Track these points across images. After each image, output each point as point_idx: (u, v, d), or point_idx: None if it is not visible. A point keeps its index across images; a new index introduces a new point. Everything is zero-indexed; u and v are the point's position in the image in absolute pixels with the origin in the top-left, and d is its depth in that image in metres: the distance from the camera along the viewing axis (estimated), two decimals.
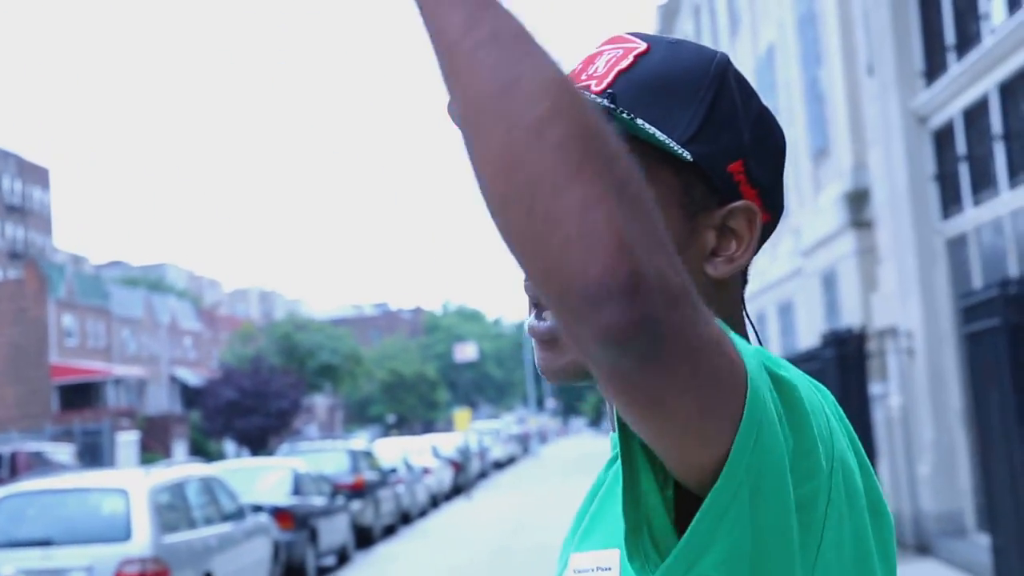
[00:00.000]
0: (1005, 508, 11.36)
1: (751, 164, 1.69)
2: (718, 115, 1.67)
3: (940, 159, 17.71)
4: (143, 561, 14.72)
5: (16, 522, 15.74)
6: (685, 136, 1.64)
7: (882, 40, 18.39)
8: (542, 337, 1.70)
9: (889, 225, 18.69)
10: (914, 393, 18.11)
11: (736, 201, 1.68)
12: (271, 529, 19.96)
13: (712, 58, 1.71)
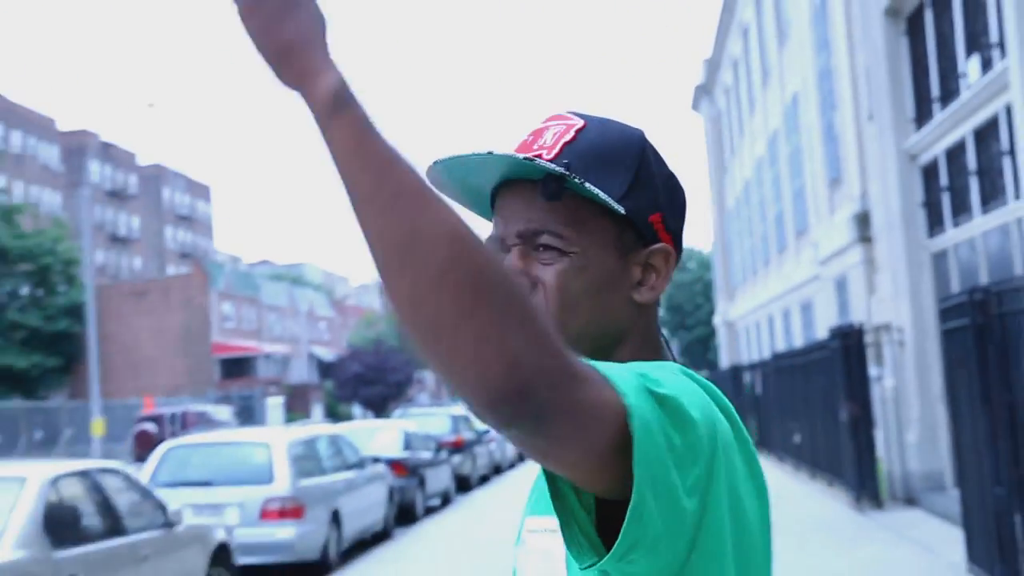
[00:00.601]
0: (970, 468, 11.41)
1: (666, 216, 1.75)
2: (642, 178, 1.72)
3: (927, 189, 17.64)
4: (283, 499, 14.91)
5: (182, 467, 15.86)
6: (618, 195, 1.68)
7: (880, 92, 18.34)
8: None
9: (885, 241, 18.67)
10: (904, 376, 18.10)
11: (656, 244, 1.73)
12: (387, 476, 19.90)
13: (635, 135, 1.78)
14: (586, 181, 1.64)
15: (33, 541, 8.89)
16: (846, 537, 14.98)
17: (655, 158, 1.78)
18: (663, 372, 1.52)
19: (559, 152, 1.70)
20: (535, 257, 1.69)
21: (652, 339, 1.76)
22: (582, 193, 1.65)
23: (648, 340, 1.75)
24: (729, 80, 49.30)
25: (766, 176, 39.97)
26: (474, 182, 1.75)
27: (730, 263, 55.41)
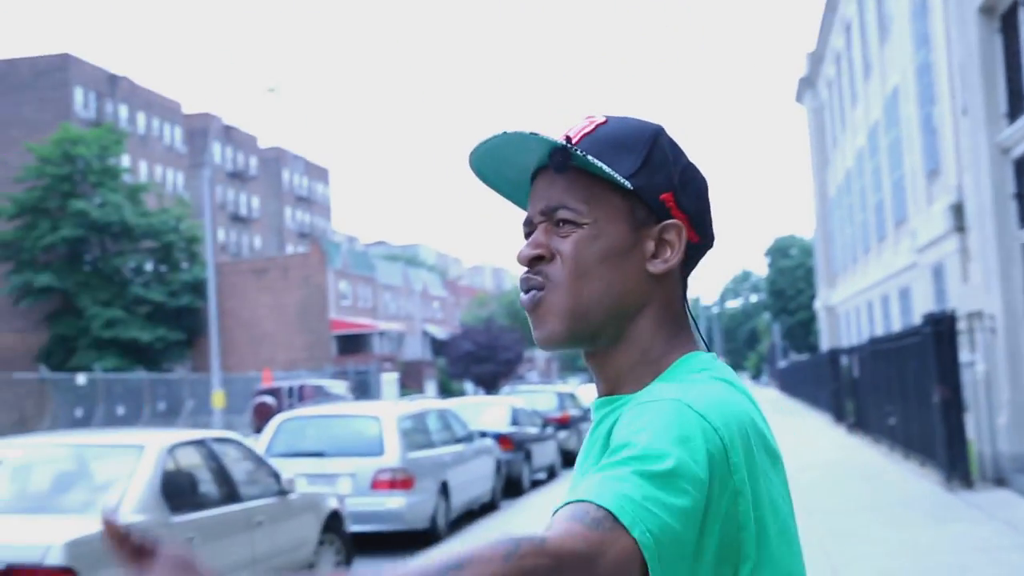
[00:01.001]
0: None
1: (679, 196, 1.83)
2: (653, 161, 1.82)
3: (1019, 181, 17.58)
4: (394, 471, 15.10)
5: (297, 438, 16.08)
6: (628, 173, 1.79)
7: (974, 87, 18.32)
8: (527, 309, 1.84)
9: (977, 232, 18.68)
10: (995, 362, 18.07)
11: (669, 220, 1.83)
12: (494, 450, 19.97)
13: (651, 126, 1.88)
14: (590, 155, 1.77)
15: (151, 506, 9.09)
16: (936, 515, 15.05)
17: (671, 147, 1.88)
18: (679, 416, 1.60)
19: (578, 141, 1.83)
20: (556, 232, 1.80)
21: (673, 314, 1.85)
22: (588, 168, 1.78)
23: (668, 314, 1.84)
24: (832, 73, 49.11)
25: (866, 167, 39.79)
26: (512, 176, 1.91)
27: (831, 250, 55.19)
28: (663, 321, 1.83)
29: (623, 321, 1.81)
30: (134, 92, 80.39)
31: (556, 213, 1.80)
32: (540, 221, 1.83)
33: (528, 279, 1.82)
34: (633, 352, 1.82)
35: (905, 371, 21.18)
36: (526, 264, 1.82)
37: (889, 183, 34.47)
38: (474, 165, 1.89)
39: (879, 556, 12.12)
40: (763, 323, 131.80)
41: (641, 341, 1.82)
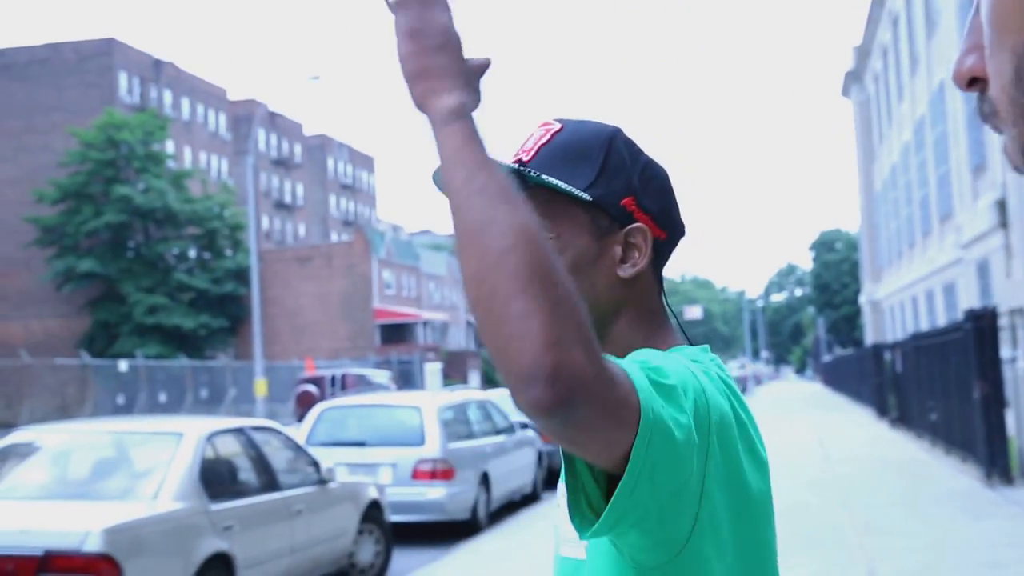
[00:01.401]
0: None
1: (640, 198, 1.87)
2: (610, 168, 1.86)
3: None
4: (434, 461, 15.17)
5: (338, 427, 16.16)
6: (586, 183, 1.83)
7: None
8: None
9: (1020, 228, 18.71)
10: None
11: (633, 223, 1.86)
12: (536, 442, 20.01)
13: (605, 130, 1.90)
14: (545, 174, 1.82)
15: (190, 493, 9.13)
16: (975, 511, 15.07)
17: (627, 148, 1.90)
18: (665, 361, 1.64)
19: (535, 154, 1.87)
20: None
21: (649, 313, 1.90)
22: (544, 185, 1.82)
23: (645, 313, 1.89)
24: (878, 67, 48.90)
25: (912, 161, 39.66)
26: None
27: (876, 245, 55.01)
28: (640, 322, 1.88)
29: (601, 328, 1.82)
30: (179, 78, 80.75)
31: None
32: None
33: None
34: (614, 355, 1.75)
35: (947, 367, 21.18)
36: None
37: (934, 178, 34.36)
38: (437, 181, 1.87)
39: (915, 551, 12.17)
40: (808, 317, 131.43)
41: (621, 344, 1.84)
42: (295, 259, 75.99)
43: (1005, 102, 0.84)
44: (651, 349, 1.74)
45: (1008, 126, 0.84)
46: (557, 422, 1.38)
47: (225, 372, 48.62)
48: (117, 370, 42.06)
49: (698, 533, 1.63)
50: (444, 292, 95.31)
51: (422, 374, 52.31)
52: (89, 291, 63.05)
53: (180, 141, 78.63)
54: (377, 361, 58.28)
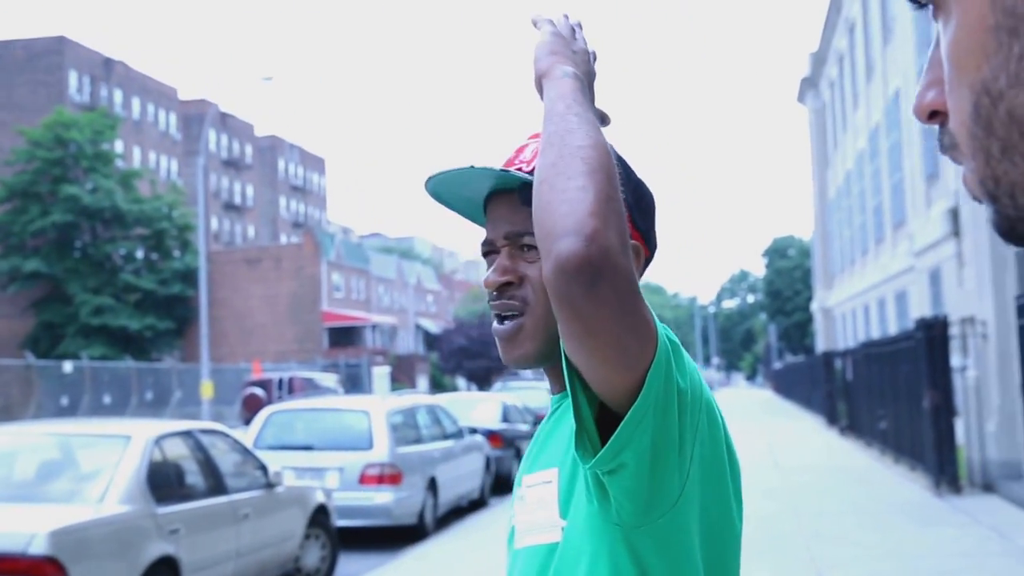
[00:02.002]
0: None
1: (635, 215, 1.94)
2: None
3: None
4: (382, 465, 15.14)
5: (285, 431, 16.08)
6: None
7: None
8: (503, 336, 1.94)
9: (972, 237, 18.88)
10: (986, 368, 18.27)
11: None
12: (484, 447, 20.08)
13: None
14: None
15: (137, 496, 9.10)
16: (924, 520, 15.21)
17: (622, 166, 1.97)
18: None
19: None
20: (521, 256, 1.93)
21: None
22: None
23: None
24: (834, 74, 49.25)
25: (866, 169, 39.96)
26: (467, 194, 2.01)
27: (829, 252, 55.41)
28: None
29: None
30: (129, 77, 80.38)
31: (521, 239, 1.92)
32: (503, 245, 1.95)
33: (505, 304, 1.92)
34: None
35: (897, 375, 21.35)
36: (495, 289, 1.92)
37: (888, 186, 34.63)
38: (431, 189, 2.00)
39: (865, 559, 12.27)
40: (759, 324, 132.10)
41: None
42: (244, 261, 75.79)
43: (965, 136, 0.87)
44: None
45: (968, 159, 0.87)
46: (582, 285, 1.50)
47: (171, 374, 48.30)
48: (61, 371, 41.71)
49: (684, 500, 1.70)
50: (394, 295, 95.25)
51: (370, 378, 52.21)
52: (34, 291, 62.63)
53: (129, 141, 78.23)
54: (325, 364, 58.13)
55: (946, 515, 15.68)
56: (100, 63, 77.11)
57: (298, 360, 63.81)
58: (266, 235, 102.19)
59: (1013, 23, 0.82)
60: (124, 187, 63.77)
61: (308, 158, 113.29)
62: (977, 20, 0.85)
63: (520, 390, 32.54)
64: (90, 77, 75.72)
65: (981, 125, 0.85)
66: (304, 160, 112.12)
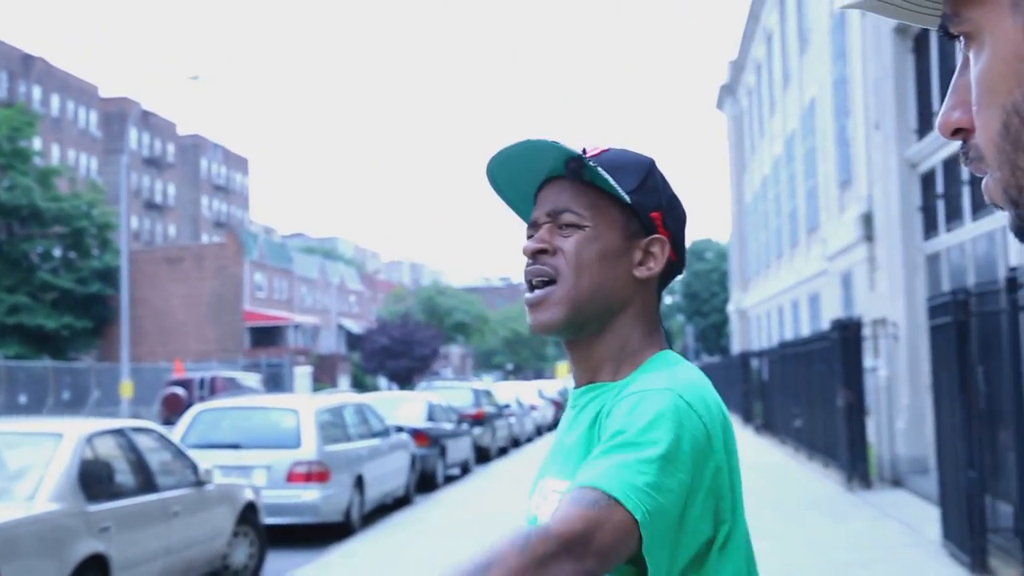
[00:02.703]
0: (948, 453, 11.95)
1: (666, 217, 2.09)
2: (647, 185, 2.08)
3: (925, 195, 18.20)
4: (310, 463, 15.20)
5: (213, 429, 16.06)
6: (627, 190, 2.04)
7: (887, 103, 18.89)
8: (532, 302, 2.05)
9: (885, 242, 19.26)
10: (897, 368, 18.65)
11: (656, 235, 2.08)
12: (410, 445, 20.19)
13: (646, 158, 2.13)
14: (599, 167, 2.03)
15: (68, 495, 9.10)
16: (836, 514, 15.58)
17: (662, 178, 2.13)
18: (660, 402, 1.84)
19: (589, 158, 2.07)
20: (559, 232, 2.05)
21: (649, 315, 2.10)
22: (597, 182, 2.04)
23: (646, 315, 2.09)
24: (752, 82, 49.72)
25: (782, 174, 40.44)
26: (521, 186, 2.14)
27: (746, 255, 55.98)
28: (641, 320, 2.08)
29: (609, 315, 2.04)
30: (49, 73, 79.48)
31: (562, 216, 2.05)
32: (545, 222, 2.08)
33: (538, 270, 2.05)
34: (613, 344, 2.05)
35: (812, 375, 21.73)
36: (530, 256, 2.06)
37: (803, 191, 35.11)
38: (491, 171, 2.13)
39: (781, 552, 12.56)
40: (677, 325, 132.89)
41: (621, 335, 2.05)
42: (165, 260, 75.21)
43: (992, 150, 1.01)
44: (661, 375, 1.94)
45: (993, 169, 1.03)
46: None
47: (89, 374, 47.73)
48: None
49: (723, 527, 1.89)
50: (316, 296, 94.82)
51: (292, 377, 52.02)
52: None
53: (48, 138, 77.39)
54: (246, 364, 57.69)
55: (858, 509, 16.08)
56: (19, 59, 76.21)
57: (219, 360, 63.24)
58: (187, 234, 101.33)
59: None
60: (42, 185, 62.81)
61: (231, 157, 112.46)
62: (1012, 52, 0.98)
63: (444, 390, 32.71)
64: (8, 73, 74.82)
65: (1010, 141, 0.99)
66: (227, 159, 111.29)
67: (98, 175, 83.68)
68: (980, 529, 10.94)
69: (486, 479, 23.58)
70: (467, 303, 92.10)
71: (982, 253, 15.56)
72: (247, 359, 62.73)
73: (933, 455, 15.53)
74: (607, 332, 2.06)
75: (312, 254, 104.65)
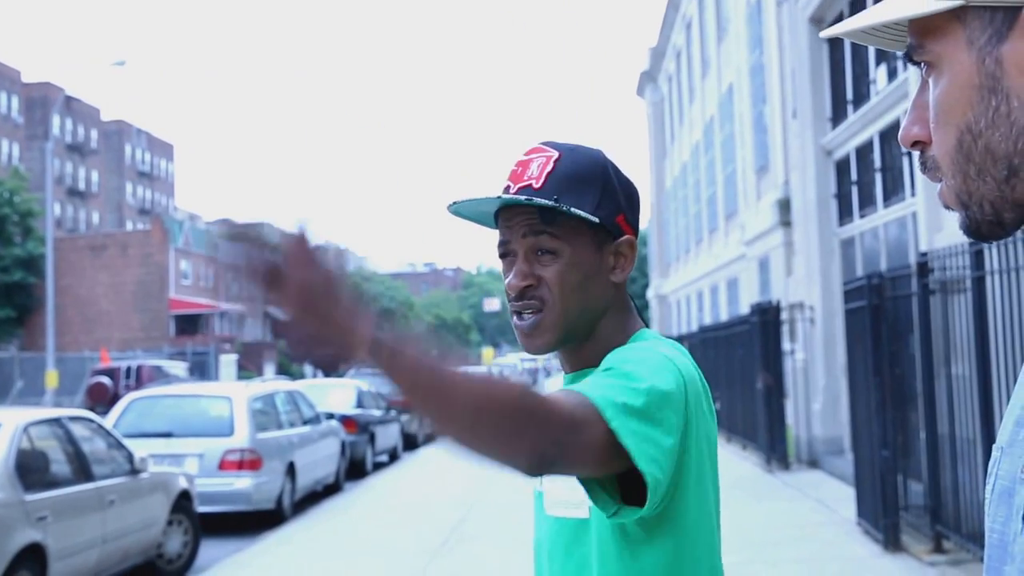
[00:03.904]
0: (862, 433, 12.16)
1: (628, 214, 2.17)
2: (607, 190, 2.13)
3: (839, 182, 18.52)
4: (242, 451, 15.26)
5: (144, 418, 15.92)
6: (592, 207, 2.10)
7: (803, 92, 19.18)
8: (525, 331, 2.13)
9: (802, 227, 19.54)
10: (813, 351, 18.93)
11: (623, 237, 2.16)
12: (340, 432, 20.26)
13: (598, 156, 2.17)
14: (571, 206, 2.08)
15: (5, 484, 9.12)
16: (756, 494, 15.84)
17: (614, 170, 2.17)
18: (643, 354, 1.98)
19: (545, 181, 2.12)
20: (537, 259, 2.11)
21: (627, 309, 2.21)
22: (569, 214, 2.09)
23: (624, 310, 2.20)
24: (672, 69, 49.73)
25: (702, 161, 40.63)
26: (484, 208, 2.18)
27: (665, 241, 56.30)
28: (619, 316, 2.19)
29: (594, 322, 2.15)
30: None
31: (538, 240, 2.12)
32: (520, 244, 2.15)
33: (527, 304, 2.13)
34: (599, 347, 2.14)
35: (732, 358, 21.97)
36: (517, 292, 2.13)
37: (722, 177, 35.33)
38: (453, 211, 2.19)
39: None
40: None
41: (605, 336, 2.16)
42: (88, 248, 74.38)
43: (947, 162, 1.17)
44: (628, 349, 2.06)
45: (948, 178, 1.18)
46: (547, 470, 1.76)
47: (12, 363, 47.23)
48: None
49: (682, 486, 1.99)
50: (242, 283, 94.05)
51: (217, 365, 51.73)
52: None
53: None
54: (171, 352, 57.20)
55: (777, 489, 16.40)
56: None
57: (144, 348, 62.68)
58: (112, 221, 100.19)
59: (992, 84, 1.12)
60: None
61: (156, 144, 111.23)
62: (966, 79, 1.14)
63: (373, 376, 32.38)
64: None
65: (963, 154, 1.15)
66: (152, 146, 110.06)
67: (20, 161, 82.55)
68: (893, 507, 11.22)
69: (414, 465, 23.62)
70: (392, 289, 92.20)
71: (893, 238, 15.91)
72: (172, 347, 62.21)
73: (848, 436, 15.89)
74: (593, 336, 2.17)
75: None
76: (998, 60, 1.13)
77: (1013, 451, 1.16)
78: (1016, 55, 1.12)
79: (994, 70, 1.13)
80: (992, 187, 1.15)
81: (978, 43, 1.14)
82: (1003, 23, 1.12)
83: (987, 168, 1.15)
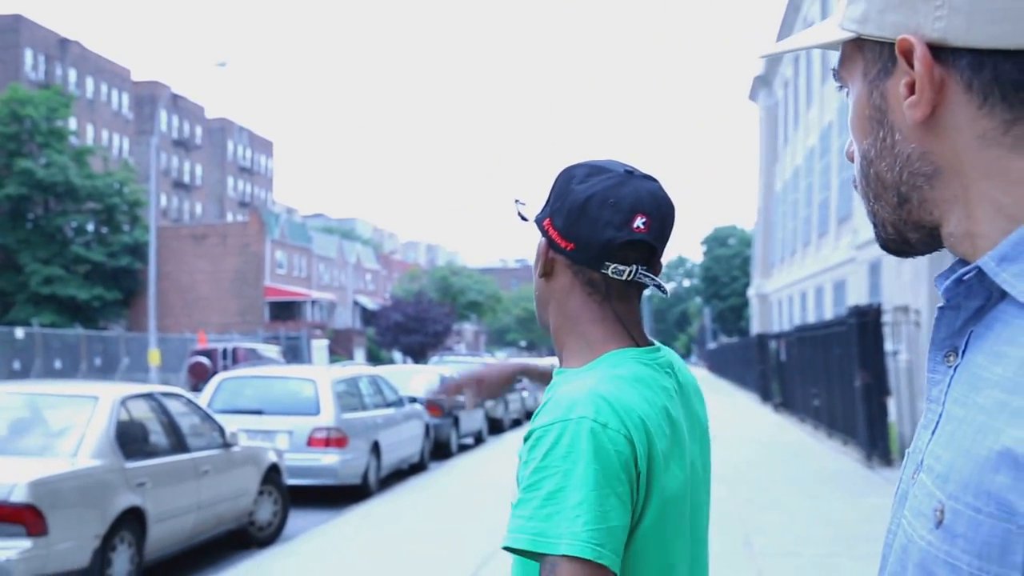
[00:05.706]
0: None
1: (555, 219, 2.04)
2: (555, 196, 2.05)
3: None
4: (328, 429, 15.64)
5: (236, 396, 16.49)
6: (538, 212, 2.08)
7: None
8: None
9: None
10: (917, 352, 18.75)
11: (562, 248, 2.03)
12: (424, 415, 20.44)
13: (568, 166, 2.07)
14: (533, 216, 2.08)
15: (107, 452, 9.50)
16: (854, 489, 15.55)
17: (570, 177, 2.03)
18: (558, 433, 1.80)
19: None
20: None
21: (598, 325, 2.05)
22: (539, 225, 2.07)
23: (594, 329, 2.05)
24: (789, 73, 49.27)
25: (816, 165, 40.23)
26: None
27: (771, 242, 55.82)
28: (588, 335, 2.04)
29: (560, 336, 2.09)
30: (84, 57, 79.55)
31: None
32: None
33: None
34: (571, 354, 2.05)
35: (830, 357, 21.79)
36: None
37: (837, 182, 34.98)
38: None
39: (793, 524, 12.53)
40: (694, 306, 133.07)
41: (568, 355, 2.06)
42: (191, 237, 75.59)
43: (859, 183, 1.20)
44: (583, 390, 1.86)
45: (861, 197, 1.20)
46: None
47: (119, 342, 48.03)
48: (13, 337, 41.41)
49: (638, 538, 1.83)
50: (333, 273, 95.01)
51: (309, 350, 52.24)
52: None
53: (83, 118, 77.52)
54: (266, 336, 57.95)
55: (876, 486, 16.00)
56: (56, 43, 76.29)
57: (240, 332, 63.67)
58: (213, 213, 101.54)
59: (879, 116, 1.13)
60: (77, 163, 63.26)
61: (256, 140, 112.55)
62: (860, 109, 1.16)
63: (456, 363, 32.89)
64: (45, 56, 74.89)
65: (864, 179, 1.18)
66: (252, 142, 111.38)
67: (129, 155, 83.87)
68: None
69: (498, 449, 23.62)
70: (480, 283, 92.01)
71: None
72: (266, 332, 63.10)
73: None
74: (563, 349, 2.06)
75: (331, 234, 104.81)
76: (883, 94, 1.14)
77: (913, 456, 1.14)
78: (897, 91, 1.12)
79: (880, 103, 1.15)
80: (889, 211, 1.17)
81: (869, 75, 1.16)
82: (889, 59, 1.13)
83: (881, 194, 1.17)
